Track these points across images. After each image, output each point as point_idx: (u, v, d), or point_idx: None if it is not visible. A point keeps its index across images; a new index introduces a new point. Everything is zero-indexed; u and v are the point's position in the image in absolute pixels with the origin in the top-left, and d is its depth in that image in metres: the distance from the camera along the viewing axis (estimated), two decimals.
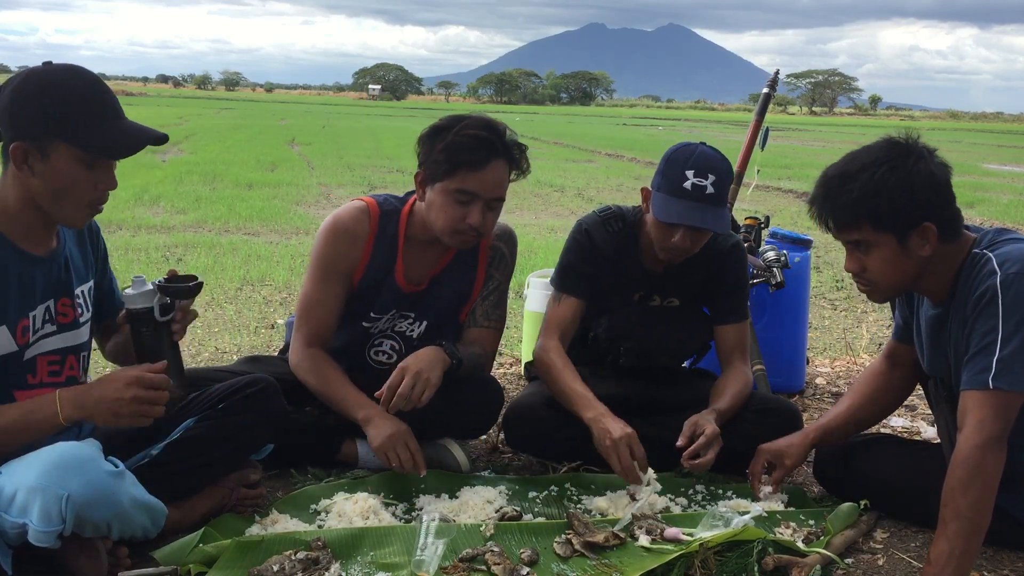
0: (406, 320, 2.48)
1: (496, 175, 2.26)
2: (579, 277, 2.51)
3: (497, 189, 2.28)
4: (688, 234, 2.33)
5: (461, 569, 1.87)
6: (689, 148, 2.37)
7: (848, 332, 4.76)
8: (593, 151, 20.77)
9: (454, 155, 2.22)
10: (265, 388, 2.13)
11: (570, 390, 2.36)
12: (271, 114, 39.78)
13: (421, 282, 2.45)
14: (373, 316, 2.45)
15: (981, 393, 1.83)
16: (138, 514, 1.77)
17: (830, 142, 30.42)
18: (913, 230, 1.89)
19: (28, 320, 1.83)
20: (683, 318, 2.58)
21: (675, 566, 1.89)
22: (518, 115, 53.65)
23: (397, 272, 2.42)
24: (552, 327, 2.49)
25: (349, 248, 2.38)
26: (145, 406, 1.77)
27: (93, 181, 1.78)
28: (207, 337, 4.23)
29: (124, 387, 1.75)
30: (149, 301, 1.86)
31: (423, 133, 2.32)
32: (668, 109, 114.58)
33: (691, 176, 2.29)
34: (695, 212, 2.30)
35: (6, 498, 1.63)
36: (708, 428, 2.27)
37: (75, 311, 1.93)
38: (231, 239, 7.04)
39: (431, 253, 2.44)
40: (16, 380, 1.84)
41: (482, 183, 2.24)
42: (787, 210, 10.62)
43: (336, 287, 2.39)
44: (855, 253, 1.97)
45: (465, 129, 2.24)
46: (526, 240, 7.34)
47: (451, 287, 2.47)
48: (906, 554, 2.10)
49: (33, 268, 1.83)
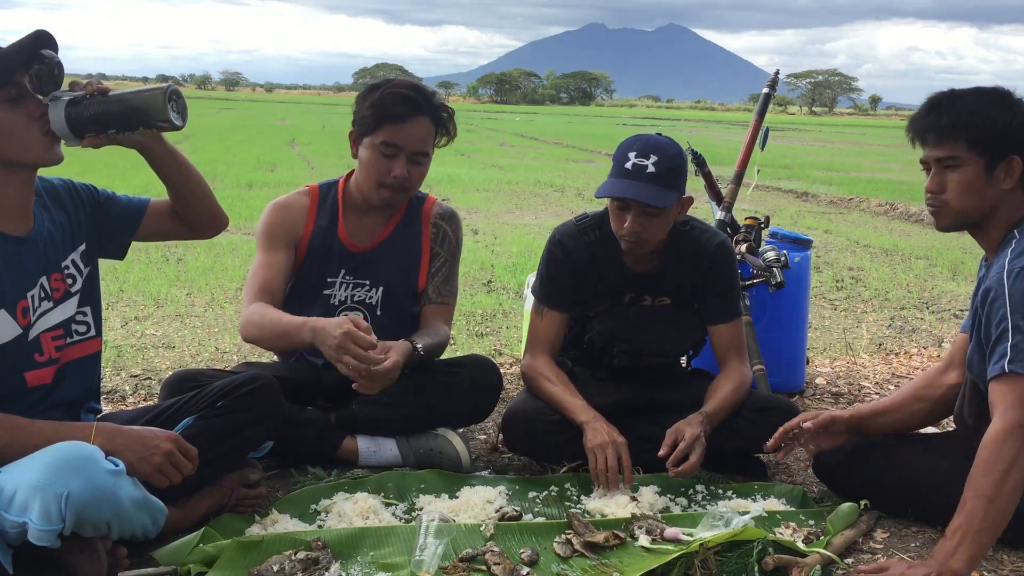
0: (362, 288, 2.53)
1: (419, 129, 2.38)
2: (557, 289, 2.53)
3: (420, 143, 2.39)
4: (637, 218, 2.32)
5: (461, 569, 1.87)
6: (637, 135, 2.42)
7: (848, 332, 4.76)
8: (593, 151, 20.76)
9: (380, 110, 2.35)
10: (264, 386, 2.12)
11: (563, 399, 2.39)
12: (271, 114, 39.79)
13: (366, 244, 2.52)
14: (329, 281, 2.51)
15: (1002, 380, 1.85)
16: (138, 514, 1.77)
17: (830, 142, 30.41)
18: (1002, 160, 1.98)
19: (27, 301, 1.85)
20: (674, 316, 2.58)
21: (675, 566, 1.89)
22: (518, 115, 53.65)
23: (340, 233, 2.51)
24: (538, 342, 2.52)
25: (287, 218, 2.49)
26: (172, 468, 1.83)
27: None
28: (207, 337, 4.23)
29: (164, 440, 1.84)
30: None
31: (359, 93, 2.46)
32: (668, 109, 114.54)
33: (632, 157, 2.33)
34: (630, 187, 2.30)
35: (6, 497, 1.64)
36: (688, 433, 2.28)
37: (65, 283, 1.96)
38: (231, 239, 7.04)
39: (374, 219, 2.53)
40: (25, 362, 1.87)
41: (405, 135, 2.35)
42: (787, 210, 10.63)
43: (280, 253, 2.46)
44: (940, 171, 2.04)
45: (392, 87, 2.38)
46: (526, 240, 7.34)
47: (398, 254, 2.54)
48: (906, 554, 2.10)
49: (20, 249, 1.85)
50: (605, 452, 2.24)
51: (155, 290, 5.13)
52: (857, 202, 11.71)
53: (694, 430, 2.29)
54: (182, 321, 4.53)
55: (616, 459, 2.25)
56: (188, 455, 1.86)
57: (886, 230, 9.39)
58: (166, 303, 4.88)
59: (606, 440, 2.26)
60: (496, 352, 4.13)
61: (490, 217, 9.21)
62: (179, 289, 5.26)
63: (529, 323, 2.57)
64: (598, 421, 2.31)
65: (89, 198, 2.05)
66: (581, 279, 2.52)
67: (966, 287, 6.29)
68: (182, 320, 4.55)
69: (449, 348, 4.10)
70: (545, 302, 2.54)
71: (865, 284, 6.27)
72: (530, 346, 2.54)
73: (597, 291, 2.53)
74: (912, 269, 6.97)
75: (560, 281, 2.52)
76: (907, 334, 4.81)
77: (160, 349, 3.98)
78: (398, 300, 2.54)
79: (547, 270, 2.55)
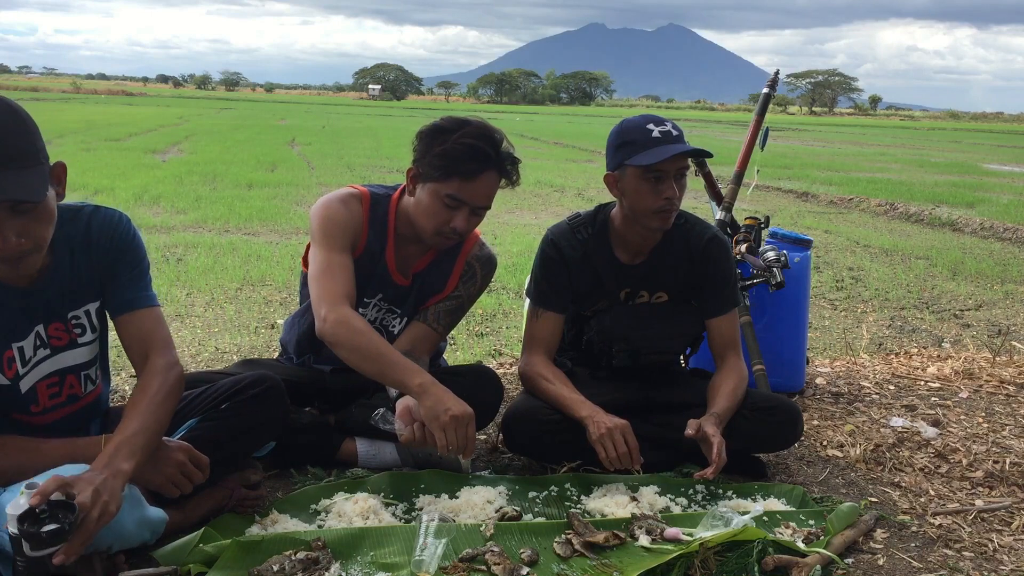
0: (392, 315, 2.51)
1: (487, 186, 2.31)
2: (553, 290, 2.53)
3: (486, 199, 2.34)
4: (673, 184, 2.36)
5: (461, 569, 1.87)
6: (635, 116, 2.46)
7: (848, 332, 4.76)
8: (593, 151, 20.76)
9: (450, 162, 2.25)
10: (270, 387, 2.11)
11: (562, 396, 2.39)
12: (271, 114, 39.79)
13: (407, 275, 2.48)
14: (365, 300, 2.47)
15: None
16: (139, 531, 1.77)
17: (830, 142, 30.41)
18: None
19: (12, 351, 1.80)
20: (672, 313, 2.58)
21: (675, 566, 1.89)
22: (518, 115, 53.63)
23: (388, 259, 2.45)
24: (535, 343, 2.52)
25: (351, 219, 2.38)
26: (183, 478, 1.84)
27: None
28: (207, 337, 4.23)
29: (175, 451, 1.84)
30: (14, 526, 1.49)
31: (423, 129, 2.35)
32: (668, 109, 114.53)
33: (655, 128, 2.37)
34: (675, 148, 2.34)
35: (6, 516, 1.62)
36: (716, 442, 2.25)
37: (70, 333, 1.90)
38: (231, 239, 7.04)
39: (414, 248, 2.47)
40: (20, 410, 1.85)
41: (473, 192, 2.28)
42: (787, 210, 10.63)
43: (348, 255, 2.34)
44: None
45: (464, 137, 2.27)
46: (526, 240, 7.35)
47: (428, 286, 2.50)
48: (906, 554, 2.10)
49: (11, 299, 1.78)
50: (612, 439, 2.25)
51: (155, 290, 5.12)
52: (857, 202, 11.71)
53: (720, 437, 2.28)
54: (182, 321, 4.53)
55: (624, 443, 2.26)
56: (199, 464, 1.86)
57: (886, 230, 9.39)
58: (166, 303, 4.88)
59: (609, 427, 2.26)
60: (496, 352, 4.13)
61: (490, 217, 9.14)
62: (179, 289, 5.26)
63: (526, 324, 2.58)
64: (598, 414, 2.32)
65: (110, 260, 1.90)
66: (576, 278, 2.52)
67: (966, 287, 6.30)
68: (182, 320, 4.56)
69: (449, 348, 4.12)
70: (541, 303, 2.55)
71: (865, 284, 6.27)
72: (527, 347, 2.55)
73: (593, 288, 2.54)
74: (912, 269, 6.97)
75: (555, 282, 2.53)
76: (907, 334, 4.81)
77: None
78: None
79: (542, 271, 2.55)
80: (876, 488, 2.50)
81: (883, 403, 3.29)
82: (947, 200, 11.93)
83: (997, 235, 9.20)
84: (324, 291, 2.24)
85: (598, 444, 2.26)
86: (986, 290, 6.23)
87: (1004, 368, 3.81)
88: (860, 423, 3.02)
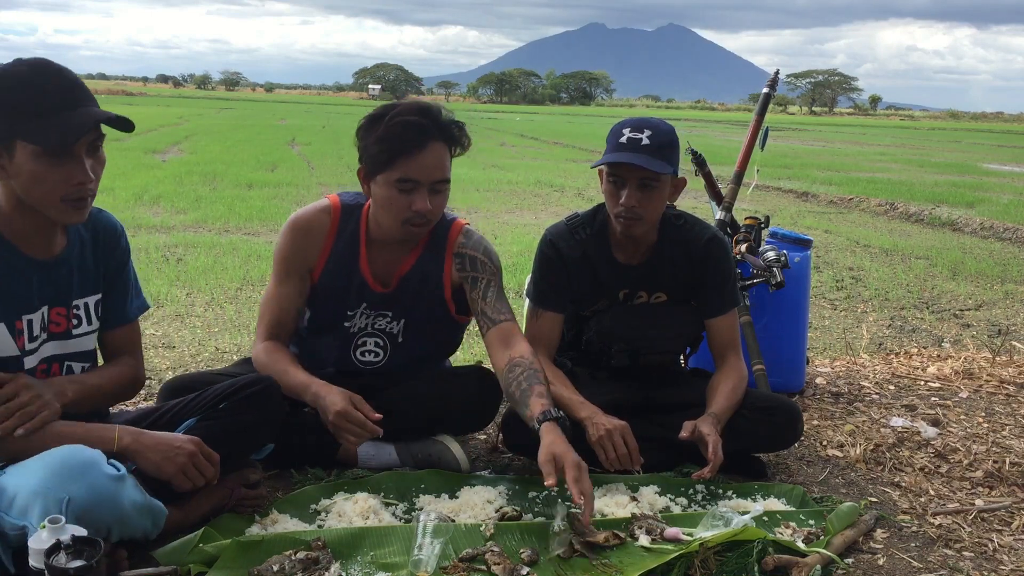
0: (384, 318, 2.45)
1: (435, 157, 2.21)
2: (552, 290, 2.53)
3: (439, 171, 2.23)
4: (634, 192, 2.34)
5: (461, 569, 1.87)
6: (628, 118, 2.45)
7: (848, 332, 4.76)
8: (593, 151, 20.75)
9: (389, 145, 2.18)
10: (267, 388, 2.12)
11: (562, 397, 2.38)
12: (271, 114, 39.79)
13: (389, 283, 2.41)
14: (349, 314, 2.43)
15: None
16: (140, 518, 1.76)
17: (830, 142, 30.41)
18: None
19: (22, 323, 1.82)
20: (670, 313, 2.58)
21: (675, 566, 1.89)
22: (518, 115, 53.64)
23: (363, 269, 2.38)
24: (535, 343, 2.49)
25: (306, 243, 2.36)
26: (195, 470, 1.86)
27: (62, 176, 1.70)
28: (207, 337, 4.23)
29: (187, 442, 1.86)
30: (40, 561, 1.49)
31: (360, 125, 2.29)
32: (668, 109, 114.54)
33: (627, 132, 2.36)
34: (626, 157, 2.32)
35: (7, 499, 1.63)
36: (711, 441, 2.26)
37: (68, 322, 1.92)
38: (231, 239, 7.04)
39: (395, 252, 2.39)
40: None
41: (421, 168, 2.19)
42: (787, 210, 10.63)
43: (294, 284, 2.37)
44: None
45: (396, 116, 2.20)
46: (526, 240, 7.35)
47: (419, 288, 2.42)
48: (906, 554, 2.10)
49: (30, 271, 1.82)
50: (612, 440, 2.25)
51: (155, 290, 5.13)
52: (857, 202, 11.71)
53: (716, 436, 2.29)
54: (182, 321, 4.53)
55: (623, 445, 2.25)
56: (211, 459, 1.88)
57: (886, 230, 9.39)
58: (166, 303, 4.88)
59: (609, 429, 2.26)
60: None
61: (490, 217, 9.21)
62: (179, 289, 5.26)
63: (526, 325, 2.57)
64: (597, 415, 2.31)
65: (117, 261, 2.01)
66: (575, 278, 2.52)
67: (966, 287, 6.30)
68: (182, 320, 4.56)
69: None
70: (540, 304, 2.54)
71: (865, 284, 6.27)
72: None
73: (592, 288, 2.54)
74: (912, 269, 6.97)
75: (554, 282, 2.53)
76: (907, 334, 4.81)
77: (160, 349, 3.98)
78: (422, 328, 2.46)
79: (540, 272, 2.55)
80: (876, 488, 2.51)
81: (883, 403, 3.29)
82: (947, 200, 11.93)
83: (997, 235, 9.20)
84: (259, 323, 2.41)
85: (597, 446, 2.26)
86: (986, 290, 6.23)
87: (1004, 368, 3.81)
88: (860, 423, 3.02)
